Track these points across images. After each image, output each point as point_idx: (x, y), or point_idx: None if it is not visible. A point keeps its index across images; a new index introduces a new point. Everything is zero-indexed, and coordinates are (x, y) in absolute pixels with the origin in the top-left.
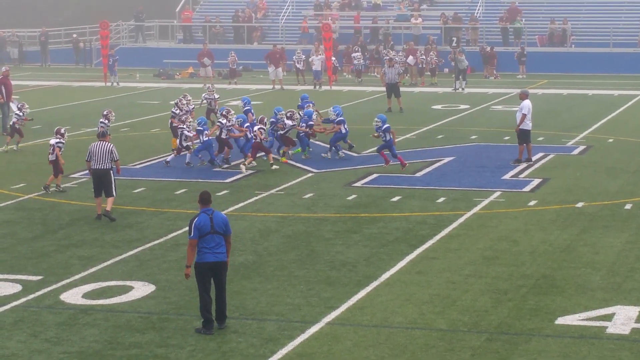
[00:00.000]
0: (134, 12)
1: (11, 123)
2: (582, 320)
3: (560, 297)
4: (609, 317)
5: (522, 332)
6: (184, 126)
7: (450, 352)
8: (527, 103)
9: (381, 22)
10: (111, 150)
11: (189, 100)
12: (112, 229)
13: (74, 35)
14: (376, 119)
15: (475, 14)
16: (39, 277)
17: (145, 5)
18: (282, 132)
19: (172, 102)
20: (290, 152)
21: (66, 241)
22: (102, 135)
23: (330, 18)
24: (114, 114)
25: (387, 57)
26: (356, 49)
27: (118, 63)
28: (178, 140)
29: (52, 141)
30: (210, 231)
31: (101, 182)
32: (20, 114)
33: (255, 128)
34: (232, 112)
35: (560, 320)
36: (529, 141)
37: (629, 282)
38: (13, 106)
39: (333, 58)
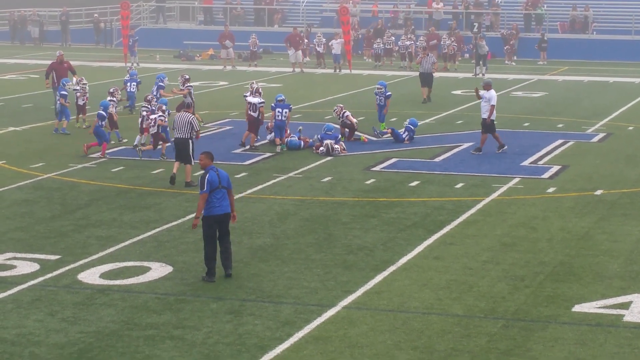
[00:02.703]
0: None
1: (76, 101)
2: (599, 308)
3: (578, 285)
4: (626, 305)
5: (538, 319)
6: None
7: (467, 337)
8: (493, 93)
9: (401, 7)
10: (191, 121)
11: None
12: (131, 210)
13: (95, 15)
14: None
15: (496, 0)
16: (57, 257)
17: None
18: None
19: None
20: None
21: (84, 221)
22: (186, 107)
23: (350, 2)
24: (119, 91)
25: (422, 46)
26: (388, 34)
27: (138, 44)
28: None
29: (152, 116)
30: (218, 186)
31: (180, 150)
32: (78, 87)
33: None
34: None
35: (577, 308)
36: (494, 130)
37: None
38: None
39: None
